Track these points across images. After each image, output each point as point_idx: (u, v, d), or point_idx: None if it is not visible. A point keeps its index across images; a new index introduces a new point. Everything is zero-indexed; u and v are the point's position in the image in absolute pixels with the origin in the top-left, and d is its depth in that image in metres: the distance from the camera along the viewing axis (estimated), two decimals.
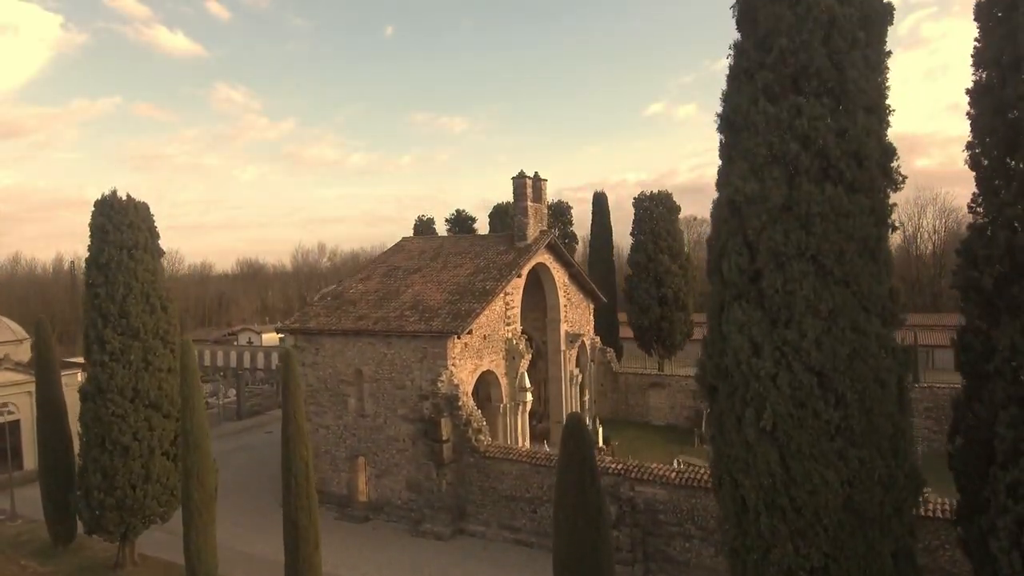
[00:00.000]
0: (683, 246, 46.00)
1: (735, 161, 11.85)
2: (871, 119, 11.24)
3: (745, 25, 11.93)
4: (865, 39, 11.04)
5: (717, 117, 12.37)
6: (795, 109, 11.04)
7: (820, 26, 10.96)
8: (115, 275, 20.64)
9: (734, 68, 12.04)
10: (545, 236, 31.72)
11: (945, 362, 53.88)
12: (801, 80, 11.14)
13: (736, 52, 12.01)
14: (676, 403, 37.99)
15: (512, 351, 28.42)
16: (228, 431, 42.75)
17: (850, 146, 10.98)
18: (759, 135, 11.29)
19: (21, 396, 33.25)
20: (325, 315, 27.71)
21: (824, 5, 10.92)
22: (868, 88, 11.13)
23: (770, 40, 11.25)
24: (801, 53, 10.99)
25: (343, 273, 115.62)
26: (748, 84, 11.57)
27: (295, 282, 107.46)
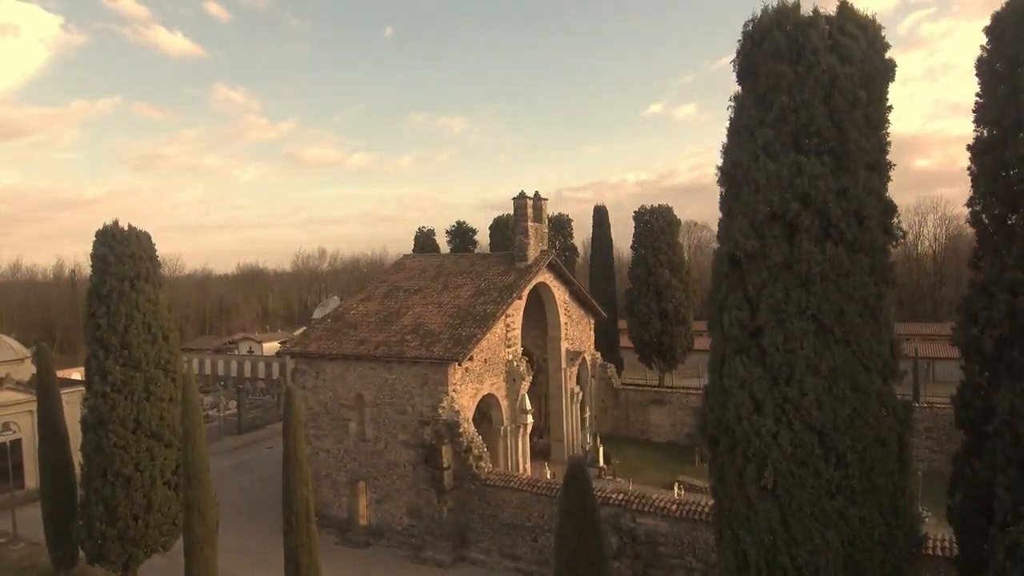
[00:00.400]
0: (683, 260, 46.03)
1: (735, 215, 11.87)
2: (872, 177, 11.28)
3: (746, 80, 11.95)
4: (866, 98, 11.07)
5: (717, 170, 12.41)
6: (796, 167, 11.06)
7: (821, 86, 10.99)
8: (117, 306, 20.66)
9: (734, 122, 12.06)
10: (545, 256, 31.75)
11: (946, 374, 53.83)
12: (802, 138, 11.16)
13: (737, 107, 12.04)
14: (677, 420, 38.01)
15: (513, 373, 28.45)
16: (228, 447, 42.76)
17: (851, 205, 11.01)
18: (759, 192, 11.32)
19: (23, 415, 33.29)
20: (326, 338, 27.73)
21: (825, 64, 10.95)
22: (869, 147, 11.16)
23: (771, 97, 11.28)
24: (802, 112, 11.02)
25: (343, 277, 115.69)
26: (748, 140, 11.59)
27: (295, 286, 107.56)
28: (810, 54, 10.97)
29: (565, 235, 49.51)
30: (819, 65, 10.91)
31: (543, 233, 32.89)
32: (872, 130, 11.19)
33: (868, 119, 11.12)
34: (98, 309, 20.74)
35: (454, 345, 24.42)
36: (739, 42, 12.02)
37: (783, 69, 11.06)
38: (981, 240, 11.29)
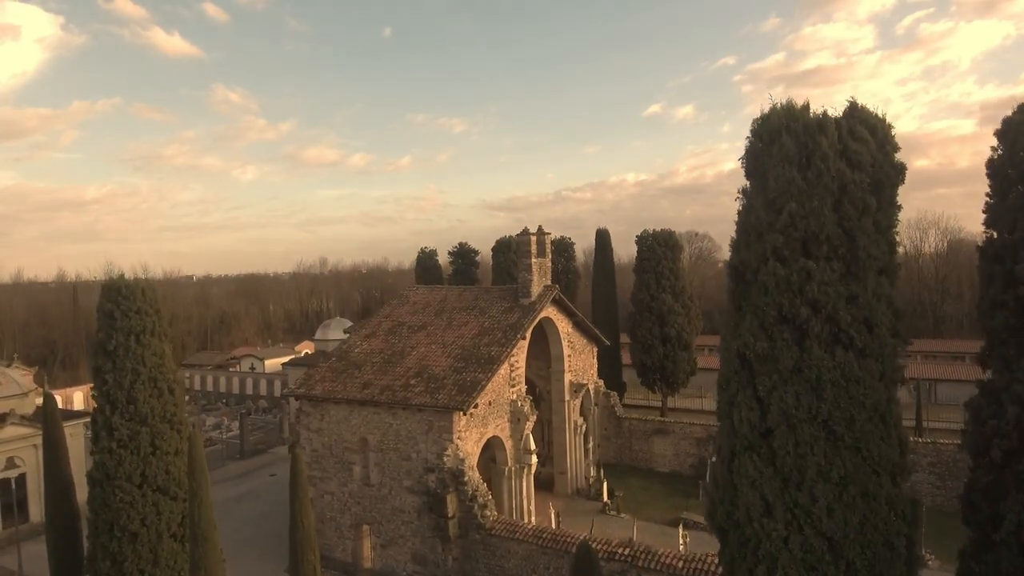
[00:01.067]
0: (686, 285, 46.07)
1: (745, 314, 11.90)
2: (882, 281, 11.32)
3: (754, 179, 11.99)
4: (876, 204, 11.10)
5: (726, 265, 12.42)
6: (805, 273, 11.10)
7: (830, 193, 11.02)
8: (123, 362, 20.70)
9: (743, 220, 12.10)
10: (549, 292, 31.77)
11: (947, 396, 53.81)
12: (811, 244, 11.19)
13: (745, 205, 12.08)
14: (680, 450, 38.07)
15: (516, 413, 28.48)
16: (231, 473, 42.77)
17: (861, 312, 11.04)
18: (769, 294, 11.35)
19: (27, 449, 33.38)
20: (330, 379, 27.77)
21: (835, 171, 10.98)
22: (878, 253, 11.19)
23: (780, 202, 11.30)
24: (811, 219, 11.04)
25: (344, 287, 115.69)
26: (757, 242, 11.63)
27: (296, 295, 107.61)
28: (819, 161, 11.00)
29: (567, 257, 49.49)
30: (829, 172, 10.94)
31: (547, 267, 32.89)
32: (881, 235, 11.22)
33: (878, 225, 11.15)
34: (104, 364, 20.78)
35: (459, 392, 24.45)
36: (748, 139, 12.06)
37: (792, 175, 11.09)
38: (990, 342, 11.32)
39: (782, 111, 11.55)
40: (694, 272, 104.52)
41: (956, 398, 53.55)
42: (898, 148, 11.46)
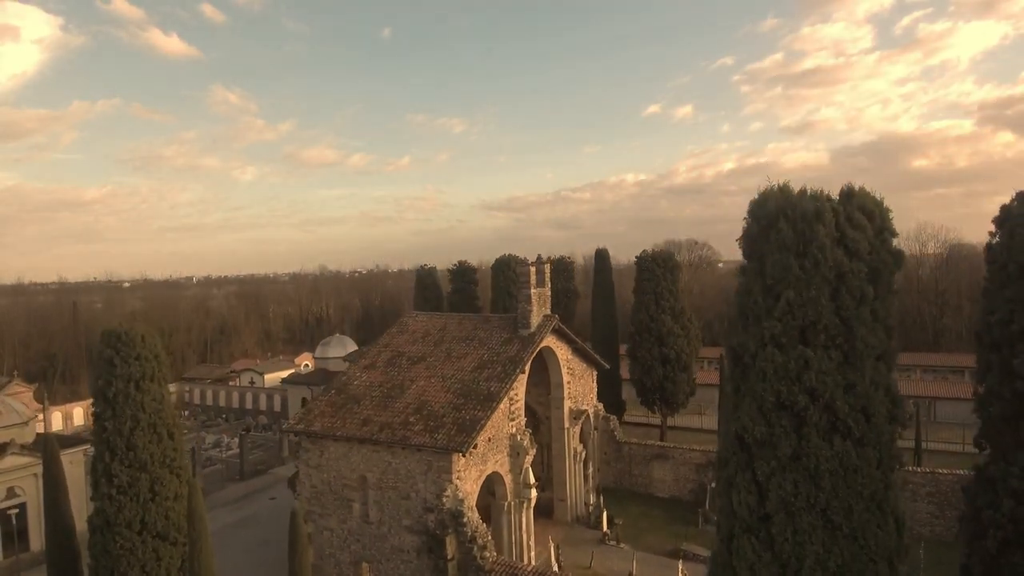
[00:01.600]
0: (685, 306, 46.03)
1: (744, 396, 11.92)
2: (879, 368, 11.34)
3: (752, 262, 12.00)
4: (873, 293, 11.12)
5: (726, 348, 12.44)
6: (803, 360, 11.12)
7: (827, 282, 11.04)
8: (122, 409, 20.75)
9: (741, 303, 12.12)
10: (548, 322, 31.78)
11: (947, 414, 53.82)
12: (809, 332, 11.21)
13: (743, 287, 12.10)
14: (680, 476, 38.09)
15: (516, 447, 28.50)
16: (231, 496, 42.75)
17: (859, 401, 11.06)
18: (767, 381, 11.37)
19: (27, 479, 33.40)
20: (330, 415, 27.79)
21: (832, 260, 11.00)
22: (876, 342, 11.21)
23: (778, 289, 11.33)
24: (809, 308, 11.07)
25: (344, 295, 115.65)
26: (755, 326, 11.65)
27: (296, 303, 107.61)
28: (817, 250, 11.02)
29: (567, 278, 49.48)
30: (826, 262, 10.96)
31: (546, 296, 32.90)
32: (879, 323, 11.24)
33: (875, 314, 11.17)
34: (104, 411, 20.84)
35: (458, 432, 24.47)
36: (745, 221, 12.09)
37: (789, 262, 11.11)
38: (987, 431, 11.35)
39: (779, 197, 11.57)
40: (694, 280, 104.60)
41: (956, 416, 53.57)
42: (896, 234, 11.50)
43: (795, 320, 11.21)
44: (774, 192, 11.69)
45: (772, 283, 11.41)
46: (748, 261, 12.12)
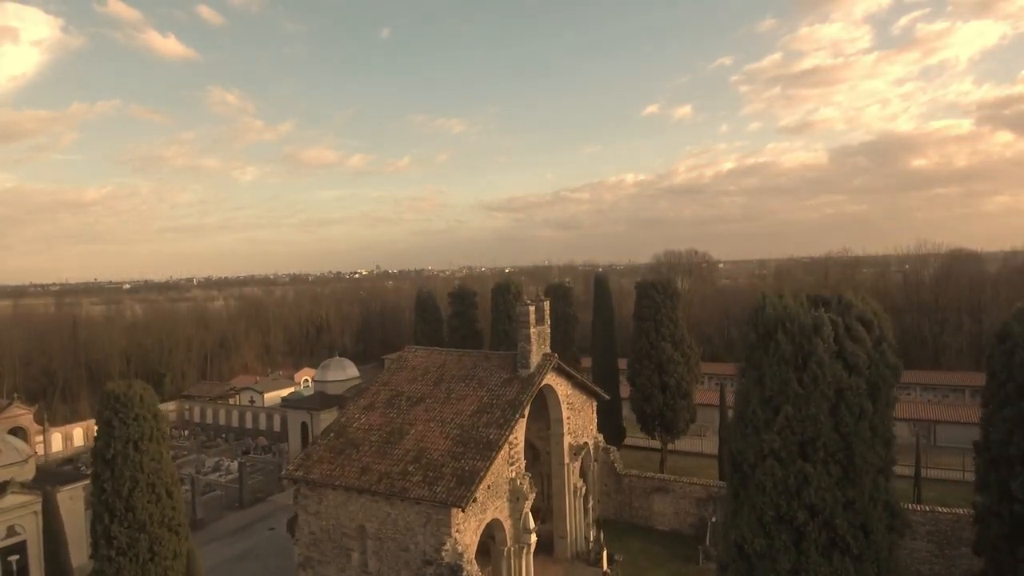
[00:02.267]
0: (685, 334, 45.95)
1: (743, 504, 11.89)
2: (878, 482, 11.31)
3: (751, 370, 11.96)
4: (872, 408, 11.08)
5: (727, 453, 12.40)
6: (802, 475, 11.10)
7: (826, 399, 11.01)
8: (121, 470, 20.74)
9: (739, 410, 12.09)
10: (548, 361, 31.73)
11: (947, 438, 53.78)
12: (808, 447, 11.18)
13: (742, 395, 12.06)
14: (680, 509, 38.04)
15: (516, 492, 28.45)
16: (230, 526, 42.72)
17: (858, 518, 11.03)
18: (767, 494, 11.34)
19: (28, 516, 33.37)
20: (328, 460, 27.75)
21: (831, 376, 10.96)
22: (875, 458, 11.17)
23: (777, 401, 11.30)
24: (808, 424, 11.04)
25: (345, 307, 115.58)
26: (755, 436, 11.61)
27: (296, 319, 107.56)
28: (815, 365, 11.00)
29: (565, 303, 49.43)
30: (825, 378, 10.94)
31: (546, 334, 32.86)
32: (878, 438, 11.21)
33: (874, 429, 11.15)
34: (103, 473, 20.82)
35: (457, 484, 24.43)
36: (745, 329, 12.04)
37: (788, 376, 11.09)
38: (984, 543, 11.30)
39: (778, 308, 11.55)
40: (694, 291, 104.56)
41: (956, 440, 53.51)
42: (894, 346, 11.46)
43: (794, 435, 11.19)
44: (773, 300, 11.64)
45: (771, 395, 11.38)
46: (747, 368, 12.08)
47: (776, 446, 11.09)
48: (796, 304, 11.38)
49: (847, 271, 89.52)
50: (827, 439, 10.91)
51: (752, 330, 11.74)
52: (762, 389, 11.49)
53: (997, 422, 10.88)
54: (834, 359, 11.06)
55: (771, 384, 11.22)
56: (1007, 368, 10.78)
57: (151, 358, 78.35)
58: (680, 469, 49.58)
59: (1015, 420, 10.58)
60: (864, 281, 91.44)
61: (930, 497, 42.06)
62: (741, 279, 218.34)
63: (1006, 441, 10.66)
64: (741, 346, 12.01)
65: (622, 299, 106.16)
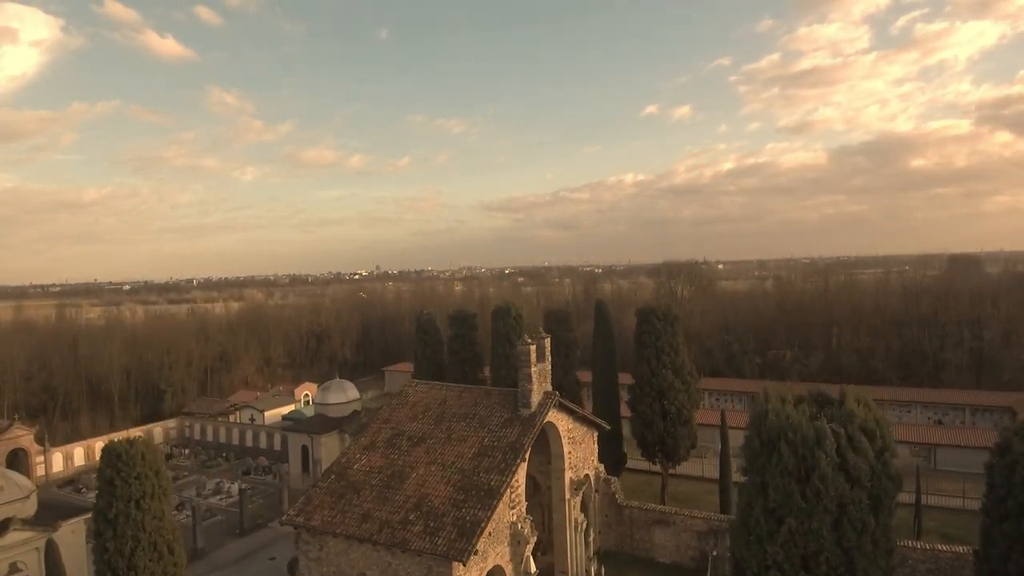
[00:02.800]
0: (686, 360, 45.94)
1: None
2: None
3: (753, 475, 11.97)
4: (875, 522, 11.09)
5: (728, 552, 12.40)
6: None
7: (829, 513, 11.02)
8: (123, 529, 20.78)
9: (742, 516, 12.10)
10: (549, 400, 31.74)
11: (947, 461, 53.75)
12: (811, 561, 11.18)
13: (745, 503, 12.06)
14: (681, 542, 38.06)
15: (517, 536, 28.45)
16: (231, 556, 42.72)
17: None
18: None
19: (30, 553, 33.40)
20: (330, 505, 27.76)
21: (835, 490, 10.97)
22: (876, 571, 11.18)
23: (779, 513, 11.30)
24: (810, 538, 11.04)
25: (345, 318, 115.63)
26: (758, 546, 11.61)
27: (296, 329, 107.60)
28: (818, 480, 11.00)
29: (566, 328, 49.44)
30: (827, 492, 10.93)
31: (546, 372, 32.89)
32: (880, 551, 11.22)
33: (876, 543, 11.15)
34: (105, 531, 20.84)
35: (458, 536, 24.44)
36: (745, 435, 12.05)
37: (792, 489, 11.11)
38: None
39: (782, 413, 11.56)
40: (694, 303, 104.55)
41: (956, 464, 53.55)
42: (896, 455, 11.46)
43: (797, 548, 11.20)
44: (775, 405, 11.66)
45: (775, 506, 11.39)
46: (750, 474, 12.09)
47: (779, 558, 11.10)
48: (799, 413, 11.38)
49: (845, 285, 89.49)
50: (830, 554, 10.93)
51: (755, 436, 11.75)
52: (765, 499, 11.50)
53: (996, 536, 10.89)
54: (836, 471, 11.07)
55: (775, 496, 11.23)
56: (1007, 483, 10.79)
57: (151, 373, 78.40)
58: (681, 495, 49.65)
59: (1014, 536, 10.58)
60: (865, 290, 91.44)
61: (931, 527, 42.14)
62: (741, 280, 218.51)
63: (1005, 557, 10.67)
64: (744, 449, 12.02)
65: (621, 309, 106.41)
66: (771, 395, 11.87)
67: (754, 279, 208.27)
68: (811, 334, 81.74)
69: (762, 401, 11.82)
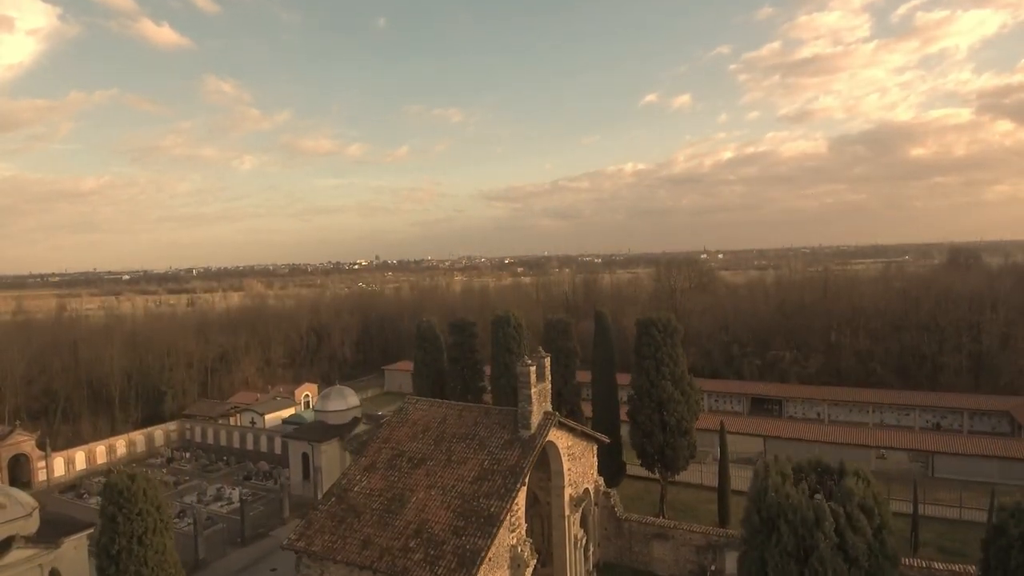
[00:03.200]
0: (685, 371, 46.06)
1: None
2: None
3: (753, 551, 12.03)
4: None
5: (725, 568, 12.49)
6: None
7: None
8: (126, 564, 20.93)
9: None
10: (548, 420, 31.84)
11: (946, 468, 53.94)
12: None
13: None
14: (680, 556, 38.33)
15: (516, 559, 28.63)
16: (233, 566, 42.99)
17: None
18: None
19: (33, 571, 33.61)
20: (330, 531, 27.93)
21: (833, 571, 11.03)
22: None
23: None
24: None
25: (345, 317, 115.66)
26: None
27: (296, 329, 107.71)
28: (817, 562, 11.05)
29: (568, 337, 49.53)
30: (827, 573, 10.99)
31: (546, 392, 32.98)
32: None
33: None
34: (108, 567, 20.99)
35: (459, 566, 24.60)
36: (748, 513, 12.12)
37: (791, 570, 11.15)
38: None
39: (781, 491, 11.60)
40: (694, 301, 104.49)
41: (955, 471, 53.78)
42: (893, 532, 11.54)
43: None
44: (776, 481, 11.70)
45: None
46: (748, 550, 12.16)
47: None
48: (798, 492, 11.43)
49: (845, 287, 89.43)
50: None
51: (755, 513, 11.81)
52: None
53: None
54: (835, 552, 11.11)
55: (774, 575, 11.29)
56: (1002, 567, 10.85)
57: (152, 375, 78.55)
58: (680, 503, 49.92)
59: None
60: (864, 293, 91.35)
61: (928, 539, 42.34)
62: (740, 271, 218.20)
63: None
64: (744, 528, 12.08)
65: (620, 306, 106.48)
66: (771, 470, 11.90)
67: (753, 269, 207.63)
68: (810, 336, 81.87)
69: (762, 476, 11.86)
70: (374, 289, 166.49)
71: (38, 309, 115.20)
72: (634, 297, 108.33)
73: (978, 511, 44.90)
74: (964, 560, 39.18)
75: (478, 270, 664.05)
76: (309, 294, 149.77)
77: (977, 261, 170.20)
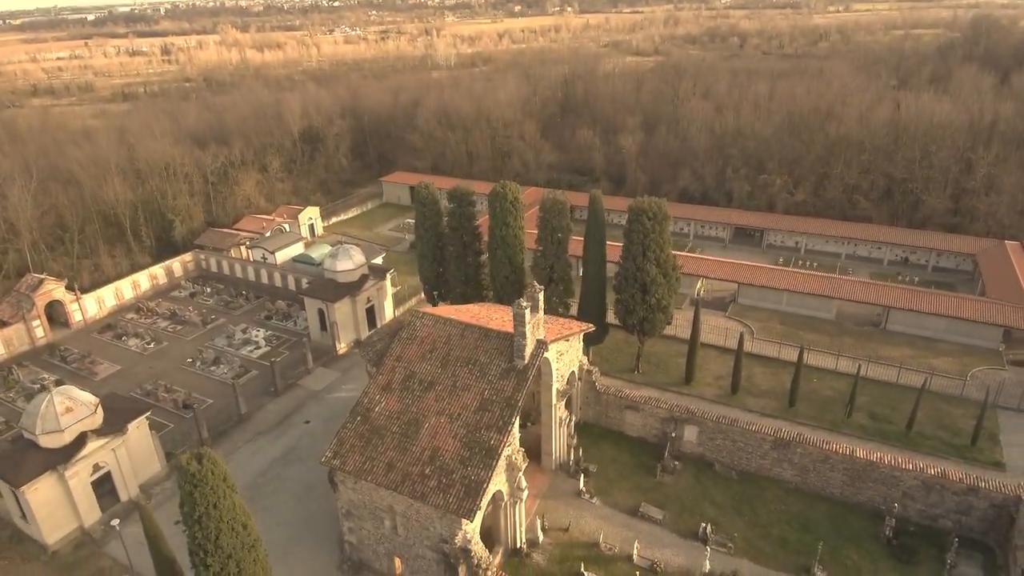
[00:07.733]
0: (670, 254, 49.23)
1: None
2: None
3: None
4: None
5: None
6: None
7: None
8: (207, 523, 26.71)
9: None
10: (541, 349, 36.10)
11: (899, 321, 59.26)
12: None
13: None
14: (647, 424, 45.67)
15: (512, 466, 35.11)
16: (271, 419, 50.19)
17: None
18: None
19: (107, 453, 40.34)
20: (359, 450, 33.76)
21: None
22: None
23: None
24: None
25: (335, 113, 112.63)
26: None
27: (290, 137, 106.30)
28: None
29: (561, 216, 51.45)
30: None
31: (539, 320, 36.64)
32: None
33: None
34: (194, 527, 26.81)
35: (466, 495, 30.78)
36: None
37: None
38: None
39: None
40: (694, 111, 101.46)
41: (907, 325, 59.51)
42: None
43: None
44: None
45: None
46: None
47: None
48: None
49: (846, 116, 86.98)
50: None
51: None
52: None
53: None
54: None
55: None
56: None
57: (156, 201, 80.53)
58: (655, 356, 56.42)
59: None
60: (865, 122, 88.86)
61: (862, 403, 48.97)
62: (755, 11, 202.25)
63: None
64: None
65: (618, 114, 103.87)
66: None
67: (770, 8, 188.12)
68: (802, 165, 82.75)
69: None
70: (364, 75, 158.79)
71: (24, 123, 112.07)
72: (634, 105, 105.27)
73: (916, 373, 51.35)
74: (890, 425, 46.44)
75: (471, 9, 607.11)
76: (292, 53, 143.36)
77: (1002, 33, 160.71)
